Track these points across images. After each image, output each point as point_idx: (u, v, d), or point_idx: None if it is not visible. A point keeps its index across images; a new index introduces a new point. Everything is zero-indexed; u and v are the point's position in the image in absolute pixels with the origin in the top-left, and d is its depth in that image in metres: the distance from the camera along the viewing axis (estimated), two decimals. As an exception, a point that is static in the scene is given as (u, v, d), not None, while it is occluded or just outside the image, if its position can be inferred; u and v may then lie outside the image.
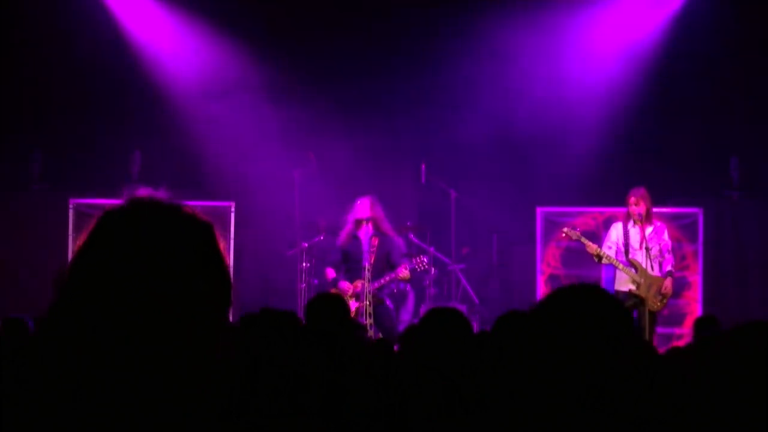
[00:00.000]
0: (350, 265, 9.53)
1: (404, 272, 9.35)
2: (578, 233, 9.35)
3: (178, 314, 1.51)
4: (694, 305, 11.41)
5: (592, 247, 9.21)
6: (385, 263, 9.49)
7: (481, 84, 12.16)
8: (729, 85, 12.07)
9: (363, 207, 9.49)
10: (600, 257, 9.22)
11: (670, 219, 10.90)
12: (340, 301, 5.31)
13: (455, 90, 12.28)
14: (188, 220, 1.57)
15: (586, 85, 12.12)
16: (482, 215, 12.12)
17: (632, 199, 9.28)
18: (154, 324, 1.50)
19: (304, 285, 10.68)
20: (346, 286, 9.35)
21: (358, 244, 9.46)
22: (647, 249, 9.18)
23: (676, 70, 12.07)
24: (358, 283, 9.35)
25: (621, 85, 12.14)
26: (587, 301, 1.91)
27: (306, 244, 10.79)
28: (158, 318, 1.50)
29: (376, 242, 9.44)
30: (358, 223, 9.48)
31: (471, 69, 12.22)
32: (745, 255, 11.72)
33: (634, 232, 9.28)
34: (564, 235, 9.48)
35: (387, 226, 9.58)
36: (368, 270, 9.25)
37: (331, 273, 9.63)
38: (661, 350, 7.27)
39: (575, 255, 11.22)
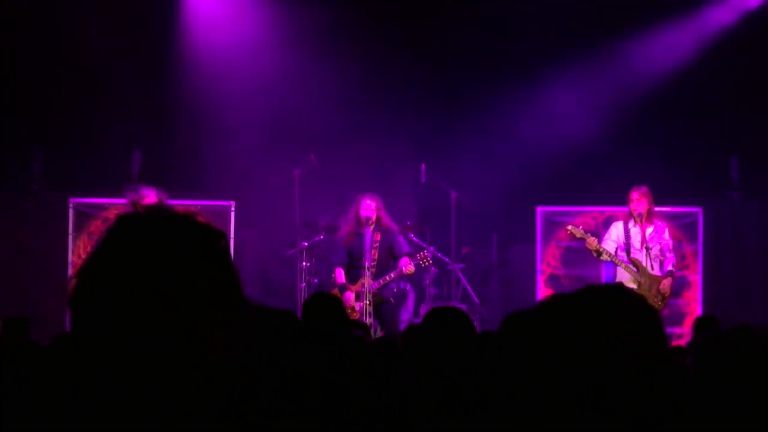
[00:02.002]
0: (354, 263, 9.47)
1: (409, 267, 9.29)
2: (582, 231, 9.31)
3: (177, 312, 1.51)
4: (694, 305, 11.41)
5: (593, 242, 9.15)
6: (389, 258, 9.44)
7: (481, 84, 12.15)
8: (729, 85, 12.07)
9: (369, 206, 9.43)
10: (600, 253, 9.19)
11: (670, 219, 10.89)
12: (336, 301, 5.29)
13: (456, 90, 12.28)
14: (193, 225, 1.60)
15: (586, 84, 12.11)
16: (482, 215, 12.11)
17: (635, 195, 9.24)
18: (153, 322, 1.50)
19: (304, 285, 10.67)
20: (350, 297, 9.28)
21: (361, 241, 9.39)
22: (647, 249, 9.17)
23: (676, 70, 12.06)
24: (361, 282, 9.30)
25: (621, 85, 12.14)
26: (604, 301, 1.89)
27: (306, 244, 10.78)
28: (158, 316, 1.50)
29: (379, 237, 9.40)
30: (362, 220, 9.41)
31: (472, 69, 12.22)
32: (745, 255, 11.72)
33: (635, 232, 9.27)
34: (568, 232, 9.43)
35: (390, 222, 9.54)
36: (369, 270, 9.21)
37: (340, 277, 9.48)
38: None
39: (575, 255, 11.22)
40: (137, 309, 1.50)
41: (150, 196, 9.26)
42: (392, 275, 9.33)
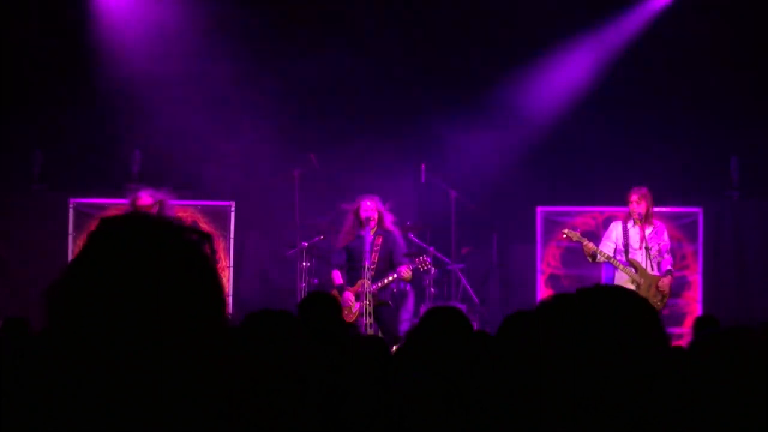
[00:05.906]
0: (353, 264, 9.45)
1: (407, 272, 9.27)
2: (578, 234, 9.33)
3: (164, 315, 1.53)
4: (694, 305, 11.41)
5: (589, 246, 9.18)
6: (388, 262, 9.41)
7: (481, 84, 12.15)
8: (729, 85, 12.06)
9: (369, 207, 9.40)
10: (594, 256, 9.20)
11: (670, 219, 10.89)
12: (332, 300, 5.28)
13: (455, 90, 12.28)
14: (176, 230, 1.62)
15: (587, 84, 12.11)
16: (482, 215, 12.11)
17: (634, 197, 9.25)
18: (144, 326, 1.52)
19: (304, 285, 10.67)
20: (349, 298, 9.27)
21: (361, 242, 9.38)
22: (647, 249, 9.17)
23: (677, 70, 12.06)
24: (361, 283, 9.28)
25: (621, 85, 12.13)
26: (607, 301, 1.89)
27: (306, 244, 10.78)
28: (148, 319, 1.52)
29: (380, 240, 9.38)
30: (361, 221, 9.40)
31: (471, 69, 12.22)
32: (745, 255, 11.72)
33: (634, 232, 9.27)
34: (564, 236, 9.45)
35: (391, 223, 9.53)
36: (369, 269, 9.20)
37: (337, 278, 9.47)
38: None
39: (575, 255, 11.21)
40: (118, 311, 1.51)
41: (144, 198, 9.24)
42: (390, 278, 9.32)
